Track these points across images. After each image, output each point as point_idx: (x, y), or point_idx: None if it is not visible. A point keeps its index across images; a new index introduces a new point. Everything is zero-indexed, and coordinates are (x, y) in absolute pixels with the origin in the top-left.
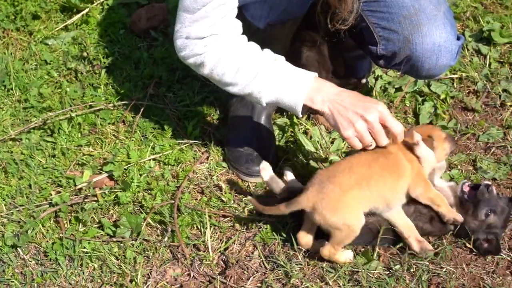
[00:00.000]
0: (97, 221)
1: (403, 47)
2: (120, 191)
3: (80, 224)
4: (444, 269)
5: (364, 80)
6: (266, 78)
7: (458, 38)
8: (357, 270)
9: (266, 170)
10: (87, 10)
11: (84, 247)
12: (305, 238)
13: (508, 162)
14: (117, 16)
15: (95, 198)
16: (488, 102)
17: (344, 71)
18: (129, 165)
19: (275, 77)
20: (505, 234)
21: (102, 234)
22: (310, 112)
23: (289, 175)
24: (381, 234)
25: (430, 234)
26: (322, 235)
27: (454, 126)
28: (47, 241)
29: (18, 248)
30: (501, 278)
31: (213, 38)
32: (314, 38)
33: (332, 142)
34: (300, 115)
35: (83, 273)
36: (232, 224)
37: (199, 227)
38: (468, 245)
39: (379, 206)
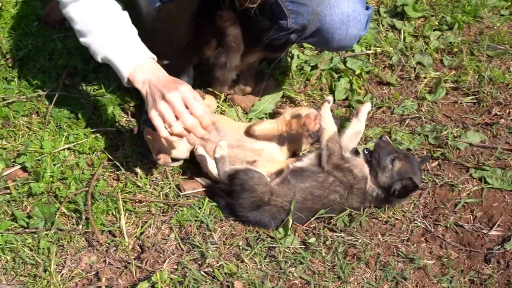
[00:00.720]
0: (10, 213)
1: (312, 19)
2: (33, 182)
3: None
4: (360, 240)
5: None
6: (108, 38)
7: (367, 8)
8: (273, 246)
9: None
10: None
11: None
12: None
13: (422, 132)
14: (30, 8)
15: (8, 191)
16: (403, 75)
17: (261, 50)
18: (42, 156)
19: (116, 42)
20: (419, 202)
21: (15, 226)
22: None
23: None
24: (292, 208)
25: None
26: None
27: (369, 100)
28: None
29: None
30: (415, 245)
31: None
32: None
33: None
34: (126, 85)
35: None
36: (148, 209)
37: (114, 213)
38: (383, 215)
39: None
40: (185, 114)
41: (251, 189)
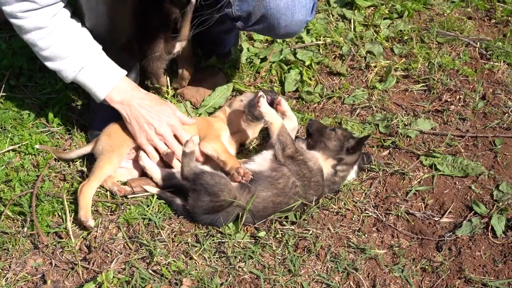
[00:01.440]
0: None
1: (257, 5)
2: None
3: None
4: (311, 232)
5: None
6: (81, 64)
7: None
8: (223, 241)
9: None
10: None
11: None
12: None
13: (372, 121)
14: None
15: None
16: (354, 65)
17: (211, 45)
18: None
19: (90, 67)
20: (370, 192)
21: None
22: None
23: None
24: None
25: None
26: None
27: (320, 91)
28: None
29: None
30: (366, 235)
31: (32, 5)
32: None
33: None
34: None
35: None
36: (95, 208)
37: (60, 214)
38: (334, 206)
39: None
40: (175, 146)
41: (215, 194)
